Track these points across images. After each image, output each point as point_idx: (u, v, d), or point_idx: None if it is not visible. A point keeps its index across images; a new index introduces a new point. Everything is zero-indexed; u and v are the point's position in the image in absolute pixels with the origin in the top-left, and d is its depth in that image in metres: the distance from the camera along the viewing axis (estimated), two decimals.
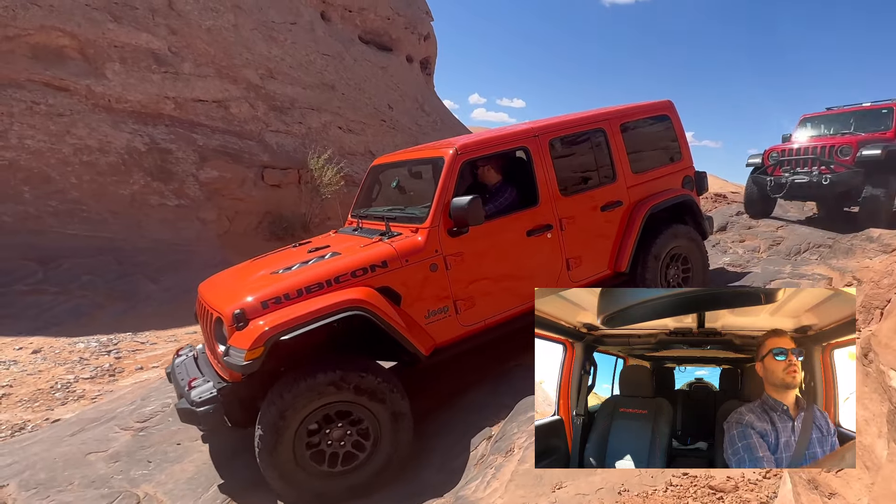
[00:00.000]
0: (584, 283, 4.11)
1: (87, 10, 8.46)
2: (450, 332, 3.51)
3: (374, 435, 3.02)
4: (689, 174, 4.90)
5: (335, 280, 3.18)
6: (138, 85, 8.73)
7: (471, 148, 3.73)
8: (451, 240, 3.51)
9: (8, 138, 7.33)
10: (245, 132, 10.02)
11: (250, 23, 10.94)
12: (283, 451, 2.85)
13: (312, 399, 2.87)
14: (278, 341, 2.83)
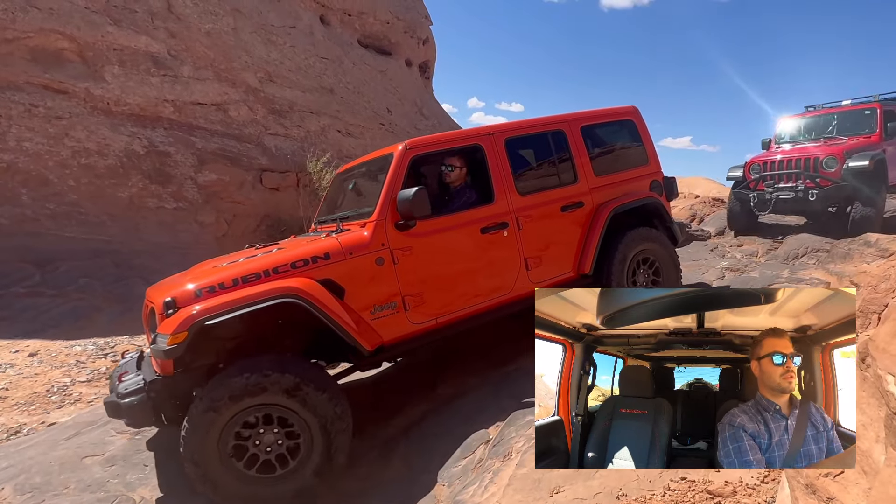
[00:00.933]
0: (546, 285, 4.03)
1: (87, 13, 8.46)
2: (398, 330, 3.43)
3: (304, 444, 2.90)
4: (657, 179, 4.87)
5: (273, 271, 3.12)
6: (137, 88, 8.73)
7: (420, 144, 3.72)
8: (398, 234, 3.45)
9: (6, 140, 7.32)
10: (244, 135, 10.02)
11: (249, 26, 10.95)
12: (207, 450, 2.76)
13: (241, 398, 2.77)
14: (206, 330, 2.78)
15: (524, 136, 4.18)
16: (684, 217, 10.12)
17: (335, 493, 2.98)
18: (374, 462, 3.25)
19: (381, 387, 4.55)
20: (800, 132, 9.39)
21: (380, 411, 3.94)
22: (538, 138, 4.26)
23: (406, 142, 3.69)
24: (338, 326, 3.07)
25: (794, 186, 7.99)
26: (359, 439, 3.52)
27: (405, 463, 3.18)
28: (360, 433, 3.58)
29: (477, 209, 3.82)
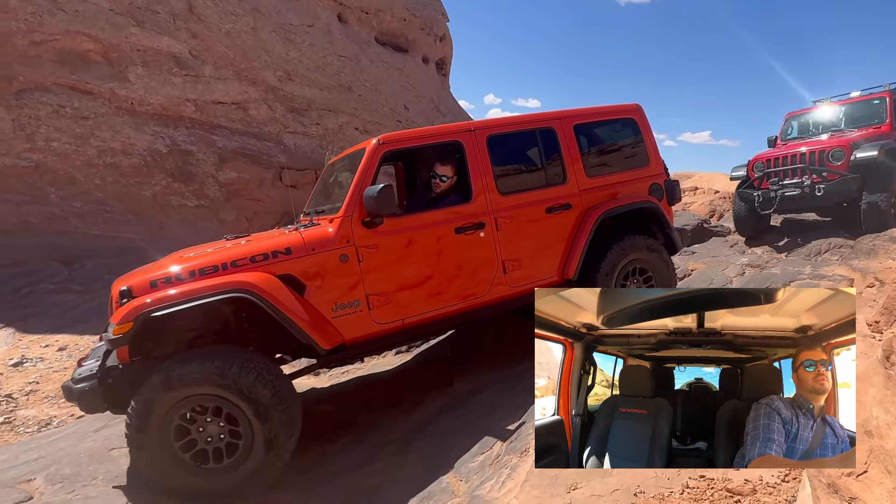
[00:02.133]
0: (524, 290, 3.85)
1: (111, 15, 8.60)
2: (360, 329, 3.33)
3: (243, 433, 2.86)
4: (658, 181, 4.56)
5: (231, 264, 3.09)
6: (160, 88, 8.85)
7: (395, 139, 3.59)
8: (365, 231, 3.35)
9: (35, 140, 7.48)
10: (263, 133, 10.12)
11: (269, 26, 11.03)
12: (150, 435, 2.77)
13: (182, 386, 2.76)
14: (156, 321, 2.78)
15: (509, 133, 3.98)
16: (704, 213, 9.98)
17: (353, 486, 3.01)
18: (391, 457, 3.27)
19: (399, 382, 4.58)
20: (807, 127, 8.97)
21: (397, 406, 3.96)
22: (525, 136, 4.05)
23: (380, 136, 3.58)
24: (289, 323, 3.00)
25: (800, 182, 7.54)
26: (377, 434, 3.55)
27: (422, 458, 3.20)
28: (378, 428, 3.61)
29: (452, 208, 3.67)
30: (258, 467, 2.86)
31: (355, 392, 4.51)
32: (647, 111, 4.75)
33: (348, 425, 3.70)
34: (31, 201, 7.17)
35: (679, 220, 9.34)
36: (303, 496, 2.88)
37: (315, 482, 2.98)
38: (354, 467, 3.12)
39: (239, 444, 2.87)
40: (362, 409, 3.98)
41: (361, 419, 3.76)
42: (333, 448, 3.36)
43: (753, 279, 6.12)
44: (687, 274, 6.77)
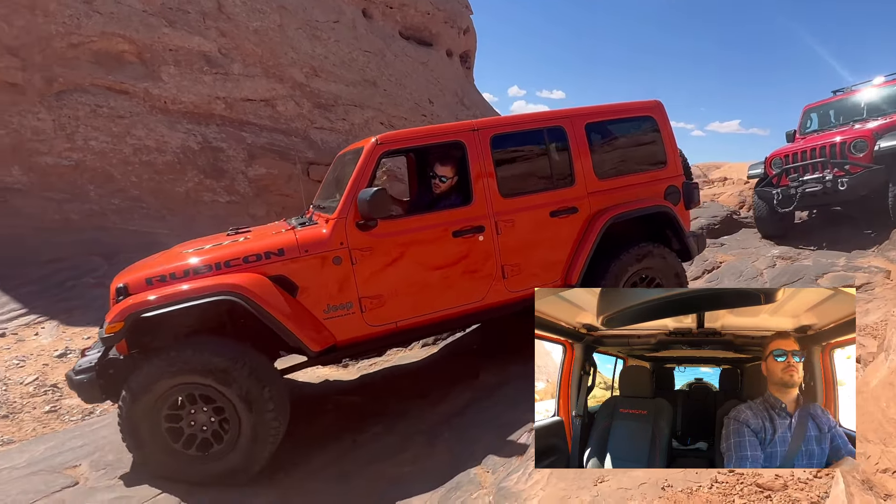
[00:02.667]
0: (524, 295, 3.73)
1: (144, 16, 8.80)
2: (353, 331, 3.33)
3: (230, 422, 2.93)
4: (675, 184, 4.27)
5: (225, 264, 3.11)
6: (191, 86, 9.04)
7: (393, 139, 3.52)
8: (359, 233, 3.31)
9: (74, 140, 7.73)
10: (291, 129, 10.25)
11: (295, 23, 11.14)
12: (140, 422, 2.86)
13: (170, 375, 2.84)
14: (147, 321, 2.86)
15: (515, 132, 3.82)
16: (733, 203, 9.77)
17: (383, 475, 3.06)
18: (419, 447, 3.31)
19: (426, 374, 4.62)
20: (828, 119, 8.44)
21: (425, 398, 4.00)
22: (532, 135, 3.87)
23: (378, 136, 3.52)
24: (276, 325, 3.02)
25: (821, 177, 7.05)
26: (405, 424, 3.59)
27: (449, 449, 3.23)
28: (406, 419, 3.66)
29: (451, 211, 3.59)
30: (246, 455, 2.93)
31: (383, 383, 4.57)
32: (675, 101, 4.59)
33: (378, 416, 3.76)
34: (73, 199, 7.42)
35: (707, 211, 9.16)
36: (338, 484, 2.95)
37: (347, 471, 3.05)
38: (384, 457, 3.17)
39: (225, 433, 2.95)
40: (391, 400, 4.04)
41: (390, 410, 3.82)
42: (364, 438, 3.42)
43: (785, 271, 6.00)
44: (716, 266, 6.66)
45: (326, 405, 3.99)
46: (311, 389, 4.57)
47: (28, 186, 7.20)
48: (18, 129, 7.35)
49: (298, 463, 3.18)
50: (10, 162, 7.21)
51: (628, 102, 4.35)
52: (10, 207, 6.78)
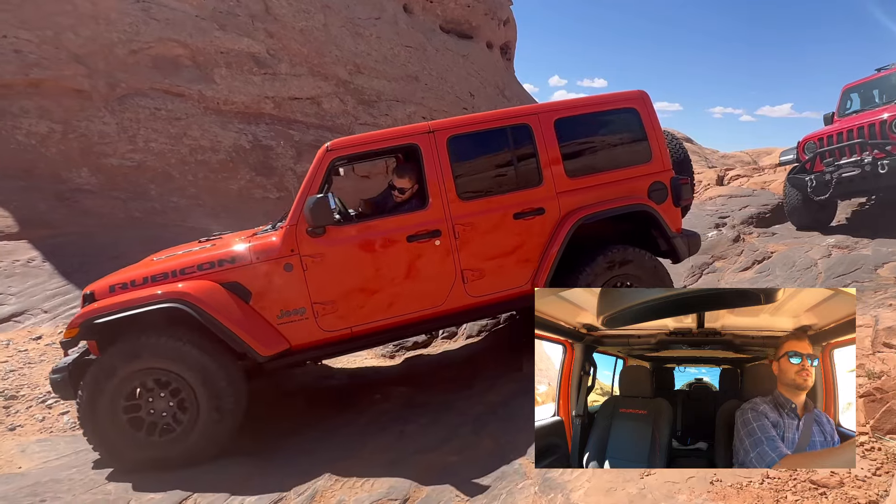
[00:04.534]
0: (490, 300, 3.64)
1: (197, 21, 9.12)
2: (307, 336, 3.35)
3: (190, 408, 3.08)
4: (661, 180, 3.93)
5: (181, 272, 3.23)
6: (242, 87, 9.33)
7: (344, 145, 3.50)
8: (310, 240, 3.33)
9: (136, 142, 8.12)
10: (336, 126, 10.45)
11: (339, 21, 11.31)
12: (100, 412, 2.99)
13: (126, 361, 3.00)
14: (97, 326, 3.02)
15: (474, 133, 3.66)
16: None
17: (430, 465, 3.13)
18: (465, 437, 3.37)
19: (470, 365, 4.67)
20: (870, 99, 7.67)
21: (469, 389, 4.06)
22: (494, 134, 3.70)
23: (330, 142, 3.52)
24: (222, 330, 3.09)
25: (860, 160, 6.33)
26: (451, 415, 3.65)
27: (495, 440, 3.27)
28: (451, 409, 3.72)
29: (406, 215, 3.53)
30: (204, 437, 3.09)
31: (428, 373, 4.66)
32: (723, 84, 4.31)
33: (423, 406, 3.84)
34: (136, 198, 7.81)
35: (758, 199, 8.84)
36: (387, 472, 3.05)
37: (395, 460, 3.14)
38: (431, 447, 3.24)
39: (185, 417, 3.10)
40: (437, 390, 4.11)
41: (436, 400, 3.89)
42: (411, 428, 3.50)
43: (841, 261, 5.76)
44: (766, 256, 6.45)
45: (374, 394, 4.11)
46: (359, 378, 4.71)
47: (96, 187, 7.62)
48: (86, 133, 7.78)
49: (350, 451, 3.30)
50: (80, 164, 7.65)
51: (608, 94, 4.10)
52: (81, 207, 7.20)
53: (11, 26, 7.62)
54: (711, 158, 20.00)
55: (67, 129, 7.68)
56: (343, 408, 3.92)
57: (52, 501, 2.83)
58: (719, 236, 7.45)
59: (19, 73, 7.51)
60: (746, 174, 10.93)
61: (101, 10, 8.17)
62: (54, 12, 7.88)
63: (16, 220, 6.60)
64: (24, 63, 7.56)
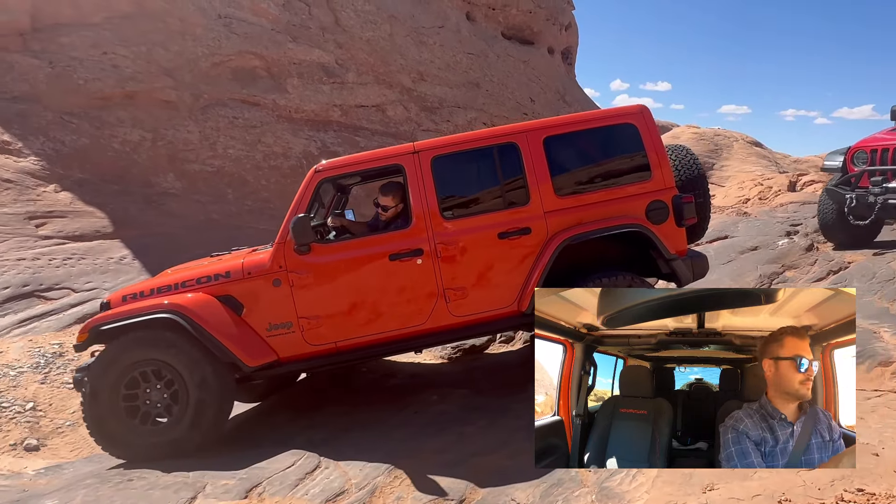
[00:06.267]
0: (474, 319, 3.58)
1: (272, 34, 9.54)
2: (294, 349, 3.46)
3: (181, 397, 3.27)
4: (662, 198, 3.65)
5: (182, 285, 3.45)
6: (312, 96, 9.68)
7: (331, 167, 3.57)
8: (297, 257, 3.43)
9: (216, 149, 8.59)
10: (400, 133, 10.64)
11: (403, 30, 11.51)
12: (101, 403, 3.21)
13: (125, 352, 3.24)
14: (104, 332, 3.27)
15: (459, 152, 3.62)
16: None
17: (486, 468, 3.13)
18: (521, 442, 3.32)
19: (527, 369, 4.63)
20: None
21: (525, 393, 4.03)
22: (480, 154, 3.64)
23: (318, 164, 3.61)
24: (210, 340, 3.26)
25: None
26: (507, 419, 3.63)
27: None
28: (508, 413, 3.70)
29: (389, 234, 3.57)
30: (191, 427, 3.30)
31: (485, 376, 4.65)
32: (795, 85, 3.92)
33: (481, 408, 3.84)
34: (215, 201, 8.27)
35: None
36: (443, 472, 3.07)
37: (452, 461, 3.15)
38: (488, 450, 3.23)
39: (176, 392, 3.32)
40: (493, 393, 4.11)
41: (493, 403, 3.89)
42: (468, 430, 3.50)
43: None
44: (843, 267, 6.03)
45: (432, 395, 4.15)
46: (419, 378, 4.77)
47: (180, 191, 8.12)
48: (172, 140, 8.30)
49: (409, 450, 3.33)
50: (167, 170, 8.18)
51: (604, 110, 3.91)
52: (166, 209, 7.70)
53: (111, 43, 8.25)
54: (783, 163, 18.93)
55: (156, 137, 8.22)
56: (402, 407, 3.98)
57: (139, 481, 3.03)
58: (791, 245, 7.03)
59: (117, 87, 8.12)
60: (821, 180, 10.28)
61: (189, 27, 8.70)
62: (148, 30, 8.47)
63: (111, 221, 7.13)
64: (120, 77, 8.16)
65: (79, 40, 8.17)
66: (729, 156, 22.95)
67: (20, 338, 5.31)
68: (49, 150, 7.49)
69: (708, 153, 29.97)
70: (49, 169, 7.35)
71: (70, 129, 7.80)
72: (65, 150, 7.62)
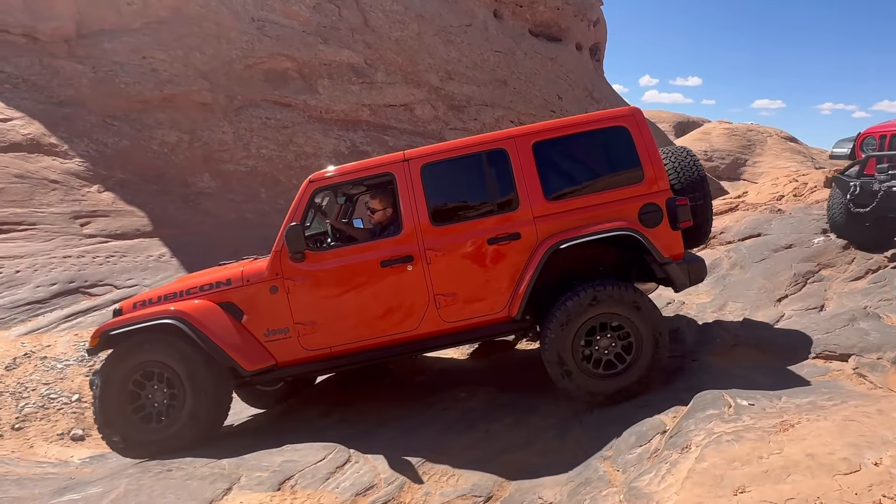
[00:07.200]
0: (464, 325, 3.58)
1: (304, 36, 9.67)
2: (290, 353, 3.54)
3: (178, 398, 3.44)
4: (655, 201, 3.56)
5: (186, 292, 3.58)
6: (342, 96, 9.78)
7: (324, 177, 3.64)
8: (292, 265, 3.50)
9: (249, 149, 8.76)
10: (427, 132, 10.67)
11: (431, 29, 11.53)
12: (110, 402, 3.42)
13: (130, 356, 3.44)
14: (113, 337, 3.44)
15: (448, 160, 3.62)
16: None
17: (514, 465, 3.13)
18: (549, 441, 3.32)
19: None
20: None
21: (554, 392, 4.00)
22: (469, 160, 3.64)
23: (312, 174, 3.68)
24: (210, 345, 3.39)
25: None
26: (536, 417, 3.62)
27: (579, 445, 3.20)
28: (536, 412, 3.68)
29: (380, 241, 3.61)
30: (186, 426, 3.48)
31: (513, 374, 4.63)
32: (832, 79, 3.68)
33: (508, 406, 3.82)
34: (248, 200, 8.44)
35: None
36: (471, 468, 3.08)
37: (480, 458, 3.15)
38: (516, 447, 3.22)
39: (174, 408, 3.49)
40: (521, 391, 4.08)
41: (521, 401, 3.87)
42: (496, 427, 3.50)
43: None
44: (882, 265, 5.79)
45: (460, 392, 4.15)
46: (447, 375, 4.78)
47: (215, 190, 8.32)
48: (208, 141, 8.50)
49: (437, 446, 3.34)
50: (202, 170, 8.38)
51: (594, 114, 3.84)
52: (202, 208, 7.89)
53: (150, 48, 8.48)
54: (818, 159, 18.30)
55: (193, 139, 8.43)
56: (430, 404, 4.00)
57: (178, 471, 3.12)
58: (827, 243, 6.78)
59: (155, 90, 8.35)
60: None
61: (224, 30, 8.89)
62: (185, 34, 8.68)
63: (150, 220, 7.35)
64: (159, 80, 8.39)
65: (120, 45, 8.43)
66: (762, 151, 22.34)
67: (67, 332, 5.52)
68: (93, 151, 7.76)
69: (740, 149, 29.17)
70: (93, 170, 7.61)
71: (112, 132, 8.06)
72: (107, 152, 7.88)
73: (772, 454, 2.52)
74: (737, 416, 2.88)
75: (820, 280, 5.92)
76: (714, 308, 5.10)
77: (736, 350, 3.95)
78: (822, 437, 2.55)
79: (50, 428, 4.46)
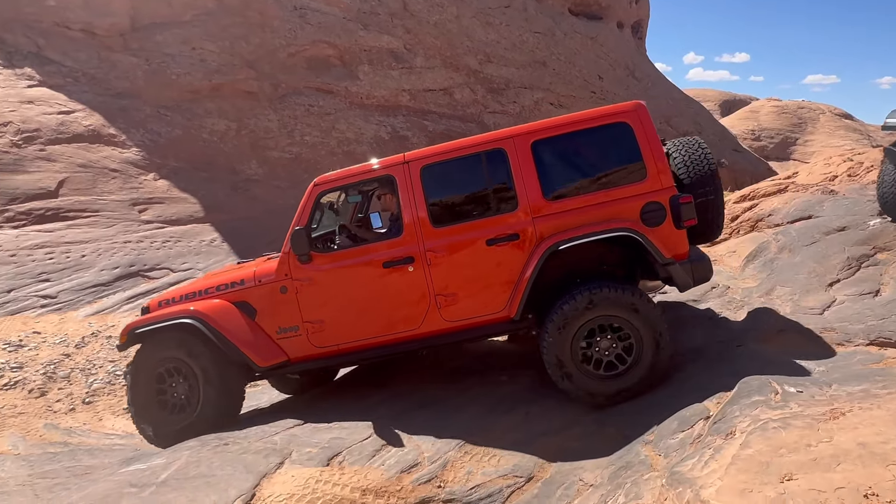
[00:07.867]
0: (465, 325, 3.59)
1: (344, 23, 9.72)
2: (301, 350, 3.67)
3: (194, 391, 3.66)
4: (659, 199, 3.44)
5: (205, 292, 3.76)
6: (382, 82, 9.82)
7: (328, 180, 3.70)
8: (300, 266, 3.61)
9: (293, 136, 8.93)
10: (466, 115, 10.61)
11: (470, 12, 11.39)
12: (139, 394, 3.68)
13: (154, 352, 3.68)
14: (137, 335, 3.66)
15: (447, 161, 3.61)
16: None
17: (554, 448, 3.14)
18: (589, 425, 3.30)
19: None
20: None
21: None
22: (468, 161, 3.60)
23: (316, 178, 3.75)
24: (225, 343, 3.56)
25: None
26: (575, 402, 3.61)
27: (620, 430, 3.17)
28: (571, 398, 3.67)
29: (381, 243, 3.66)
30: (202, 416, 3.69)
31: None
32: (892, 50, 3.17)
33: (549, 391, 3.82)
34: (293, 186, 8.62)
35: None
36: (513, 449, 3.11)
37: (521, 440, 3.18)
38: (555, 431, 3.23)
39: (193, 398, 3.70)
40: None
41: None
42: (535, 410, 3.51)
43: None
44: None
45: (502, 375, 4.18)
46: (489, 359, 4.80)
47: (262, 177, 8.54)
48: (254, 129, 8.71)
49: (479, 428, 3.37)
50: (250, 157, 8.61)
51: (597, 110, 3.67)
52: (250, 195, 8.13)
53: (199, 39, 8.71)
54: (876, 136, 17.24)
55: (240, 127, 8.65)
56: (472, 385, 4.04)
57: (234, 445, 3.28)
58: (884, 225, 6.43)
59: (204, 80, 8.59)
60: None
61: (267, 20, 9.03)
62: (230, 24, 8.86)
63: (202, 206, 7.62)
64: (207, 70, 8.62)
65: (171, 37, 8.69)
66: (814, 130, 21.20)
67: (129, 312, 5.82)
68: (148, 141, 8.08)
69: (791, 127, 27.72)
70: (148, 159, 7.93)
71: (165, 122, 8.36)
72: (161, 141, 8.18)
73: (821, 442, 2.44)
74: (784, 402, 2.81)
75: (875, 264, 5.63)
76: (761, 293, 4.93)
77: (783, 336, 3.83)
78: (875, 425, 2.46)
79: (116, 402, 4.74)
